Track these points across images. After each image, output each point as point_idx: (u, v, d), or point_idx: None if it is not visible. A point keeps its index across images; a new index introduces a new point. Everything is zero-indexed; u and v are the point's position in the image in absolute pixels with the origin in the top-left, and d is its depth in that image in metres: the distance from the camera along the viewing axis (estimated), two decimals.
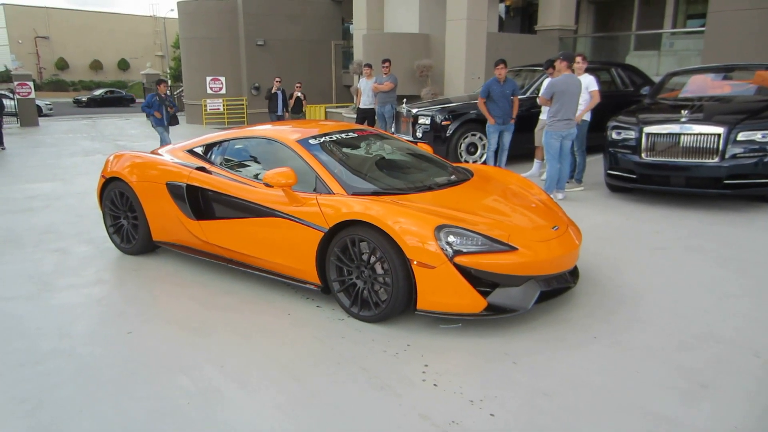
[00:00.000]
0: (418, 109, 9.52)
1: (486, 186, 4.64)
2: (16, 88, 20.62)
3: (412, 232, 3.54)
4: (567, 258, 3.93)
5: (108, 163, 5.47)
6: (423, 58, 14.06)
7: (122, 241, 5.40)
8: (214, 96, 20.27)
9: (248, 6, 20.08)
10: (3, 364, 3.39)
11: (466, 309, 3.57)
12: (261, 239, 4.31)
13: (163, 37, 57.05)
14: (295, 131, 4.71)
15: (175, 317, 4.05)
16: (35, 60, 51.36)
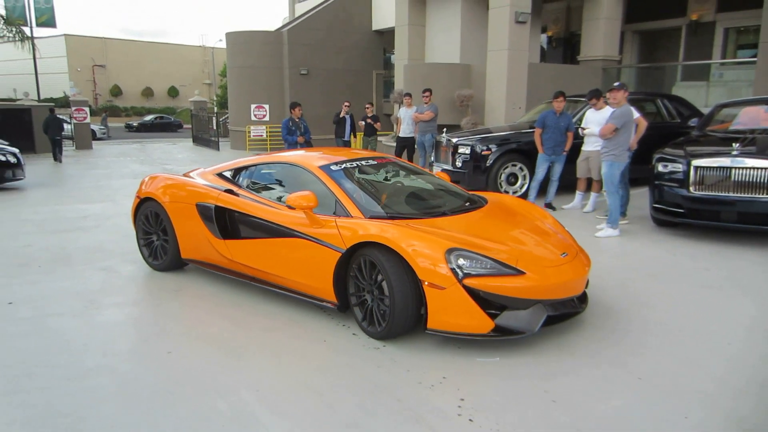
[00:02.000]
0: (458, 138, 9.52)
1: (499, 213, 4.77)
2: (74, 113, 21.63)
3: (424, 254, 3.70)
4: (575, 284, 4.03)
5: (143, 185, 5.78)
6: (463, 87, 14.12)
7: (153, 258, 5.68)
8: (258, 123, 20.77)
9: (293, 37, 20.64)
10: (49, 377, 3.48)
11: (474, 329, 3.68)
12: (282, 258, 4.51)
13: (211, 66, 59.09)
14: (318, 158, 4.96)
15: (213, 338, 4.09)
16: (92, 87, 53.82)
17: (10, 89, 50.26)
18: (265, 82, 20.71)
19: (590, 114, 8.15)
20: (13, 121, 18.43)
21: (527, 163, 9.06)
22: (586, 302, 4.30)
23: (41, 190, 11.23)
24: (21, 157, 11.55)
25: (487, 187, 9.01)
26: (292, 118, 10.43)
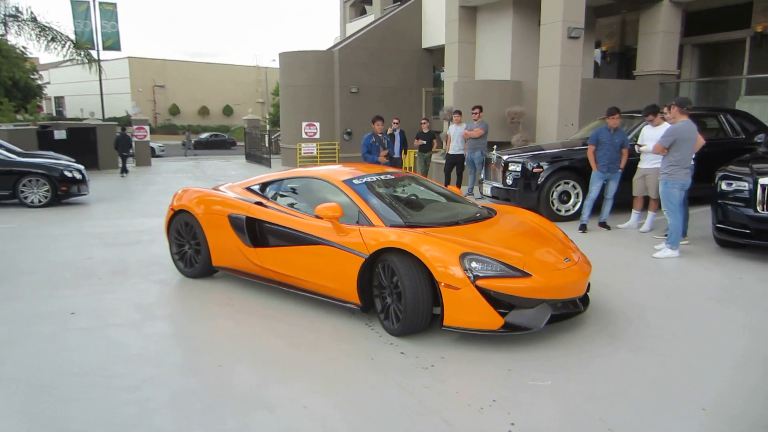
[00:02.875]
0: (508, 155, 9.39)
1: (507, 222, 5.18)
2: (135, 132, 22.60)
3: (440, 259, 4.07)
4: (576, 285, 4.42)
5: (176, 198, 6.14)
6: (514, 104, 13.96)
7: (185, 266, 6.04)
8: (309, 140, 21.13)
9: (344, 56, 20.98)
10: (105, 387, 3.59)
11: (486, 326, 4.04)
12: (310, 264, 4.86)
13: (264, 85, 60.71)
14: (341, 173, 5.40)
15: (263, 353, 4.13)
16: (152, 106, 56.17)
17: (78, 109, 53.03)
18: (316, 100, 21.09)
19: (647, 130, 7.90)
20: (79, 139, 19.39)
21: (580, 181, 8.84)
22: (587, 303, 4.63)
23: (103, 205, 11.71)
24: (86, 173, 12.12)
25: (538, 205, 8.83)
26: (374, 133, 9.35)
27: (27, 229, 8.98)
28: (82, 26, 25.61)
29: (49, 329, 4.56)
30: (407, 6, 22.12)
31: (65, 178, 11.41)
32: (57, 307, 5.11)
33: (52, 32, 21.55)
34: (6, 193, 11.13)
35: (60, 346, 4.25)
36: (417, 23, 21.78)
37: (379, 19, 23.09)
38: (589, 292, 4.74)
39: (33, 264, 6.68)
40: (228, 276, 5.98)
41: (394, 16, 22.01)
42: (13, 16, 21.03)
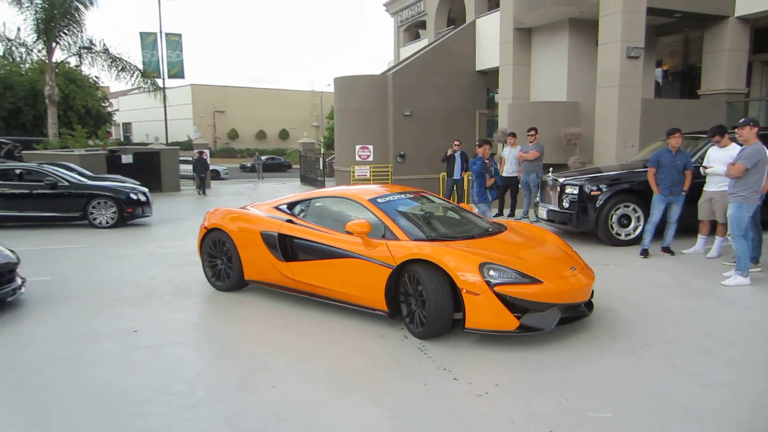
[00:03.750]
0: (565, 178, 9.18)
1: (517, 236, 5.61)
2: (196, 156, 23.48)
3: (462, 268, 4.52)
4: (582, 291, 4.88)
5: (208, 217, 6.60)
6: (571, 125, 13.71)
7: (217, 279, 6.46)
8: (362, 163, 21.35)
9: (398, 79, 21.20)
10: (165, 404, 3.68)
11: (503, 327, 4.48)
12: (340, 276, 5.27)
13: (319, 109, 62.06)
14: (366, 192, 5.86)
15: (315, 375, 4.14)
16: (212, 131, 58.32)
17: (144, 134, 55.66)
18: (370, 123, 21.35)
19: (713, 152, 7.55)
20: (144, 163, 20.33)
21: (641, 204, 8.52)
22: (591, 309, 5.09)
23: (165, 227, 12.16)
24: (150, 196, 12.65)
25: (596, 229, 8.57)
26: (481, 158, 8.60)
27: (95, 249, 9.42)
28: (150, 56, 27.00)
29: (114, 346, 4.74)
30: (461, 29, 22.21)
31: (131, 201, 11.94)
32: (121, 325, 5.30)
33: (122, 63, 22.88)
34: (77, 215, 11.74)
35: (123, 363, 4.40)
36: (471, 46, 21.82)
37: (432, 43, 23.27)
38: (592, 299, 5.16)
39: (100, 283, 6.99)
40: (282, 298, 6.07)
41: (447, 39, 22.13)
42: (87, 48, 22.45)
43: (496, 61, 17.98)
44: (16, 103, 32.93)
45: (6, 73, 33.39)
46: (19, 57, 23.74)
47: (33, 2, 20.58)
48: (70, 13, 21.24)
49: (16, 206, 11.65)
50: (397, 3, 29.06)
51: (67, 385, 4.00)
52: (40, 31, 20.95)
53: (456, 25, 24.42)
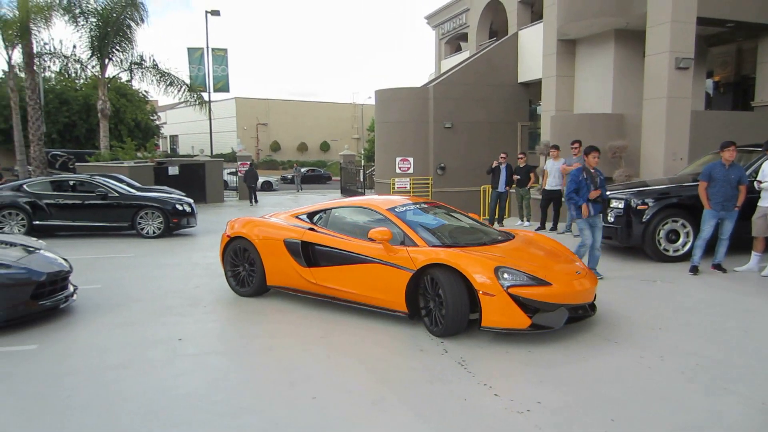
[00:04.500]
0: (610, 191, 8.97)
1: (525, 244, 5.95)
2: (239, 167, 24.01)
3: (479, 271, 4.89)
4: (586, 293, 5.28)
5: (230, 226, 6.93)
6: (616, 138, 13.41)
7: (239, 285, 6.76)
8: (402, 175, 21.38)
9: (439, 92, 21.21)
10: (208, 412, 3.74)
11: (516, 325, 4.82)
12: (362, 280, 5.61)
13: (360, 121, 62.61)
14: (385, 202, 6.23)
15: (355, 387, 4.14)
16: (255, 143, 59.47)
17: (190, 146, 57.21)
18: (411, 135, 21.39)
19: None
20: (190, 174, 20.88)
21: (690, 220, 8.24)
22: (594, 310, 5.48)
23: (209, 237, 12.42)
24: (194, 206, 12.96)
25: (643, 244, 8.33)
26: (585, 168, 7.39)
27: (142, 258, 9.70)
28: (196, 71, 27.77)
29: (159, 354, 4.85)
30: (503, 41, 22.11)
31: (177, 211, 12.26)
32: (167, 333, 5.43)
33: (171, 77, 23.60)
34: (126, 225, 12.12)
35: (168, 371, 4.50)
36: (513, 58, 21.67)
37: (474, 55, 23.22)
38: (594, 301, 5.51)
39: (147, 291, 7.18)
40: (322, 308, 6.12)
41: (489, 51, 22.05)
42: (137, 63, 23.26)
43: (539, 72, 17.80)
44: (71, 117, 34.39)
45: (62, 88, 34.94)
46: (74, 73, 24.78)
47: (88, 21, 21.46)
48: (123, 30, 22.06)
49: (69, 216, 12.11)
50: (439, 16, 29.17)
51: (117, 391, 4.11)
52: (94, 48, 21.81)
53: (498, 37, 24.33)
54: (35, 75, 19.82)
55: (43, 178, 13.97)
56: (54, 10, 19.96)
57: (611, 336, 5.17)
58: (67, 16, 20.87)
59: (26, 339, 5.19)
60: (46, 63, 22.80)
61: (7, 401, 3.94)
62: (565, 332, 5.15)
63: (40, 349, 4.97)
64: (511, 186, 12.99)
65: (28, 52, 19.09)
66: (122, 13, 21.87)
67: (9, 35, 18.91)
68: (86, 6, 21.38)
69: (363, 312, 5.88)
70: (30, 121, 19.47)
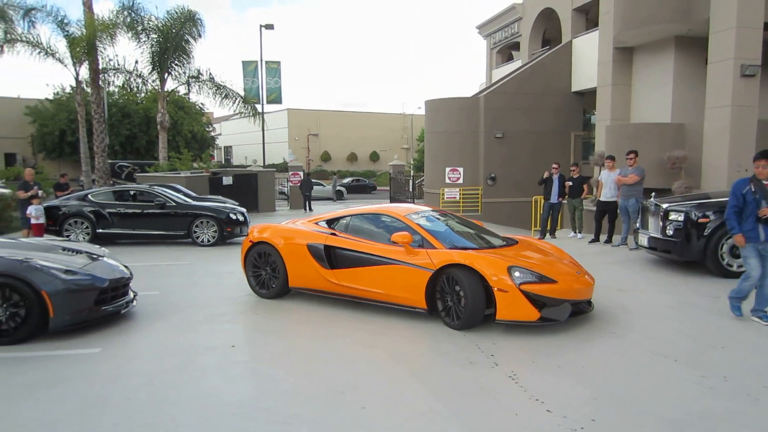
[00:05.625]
0: (669, 204, 8.64)
1: (529, 247, 6.55)
2: (291, 177, 24.45)
3: (493, 271, 5.44)
4: (586, 291, 5.91)
5: (253, 231, 7.35)
6: (675, 148, 12.96)
7: (261, 288, 7.16)
8: (452, 185, 21.28)
9: (489, 101, 21.05)
10: (257, 419, 3.79)
11: (527, 318, 5.39)
12: (383, 280, 6.10)
13: (409, 131, 62.74)
14: (402, 209, 6.87)
15: (404, 399, 4.11)
16: (306, 153, 60.48)
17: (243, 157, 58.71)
18: (461, 145, 21.29)
19: None
20: (243, 184, 21.40)
21: None
22: (592, 306, 6.08)
23: None
24: (247, 215, 13.27)
25: (704, 258, 7.97)
26: (754, 178, 5.88)
27: (197, 266, 9.98)
28: (250, 83, 28.53)
29: (213, 360, 4.96)
30: (557, 50, 21.77)
31: (230, 220, 12.57)
32: (220, 340, 5.56)
33: (226, 90, 24.35)
34: (182, 233, 12.53)
35: (222, 377, 4.59)
36: (566, 67, 21.31)
37: (526, 64, 22.96)
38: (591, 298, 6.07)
39: (201, 298, 7.38)
40: (372, 316, 6.16)
41: (542, 60, 21.76)
42: (195, 77, 24.12)
43: (594, 81, 17.43)
44: (132, 129, 35.95)
45: (124, 102, 36.61)
46: (135, 87, 25.92)
47: (149, 37, 22.44)
48: (181, 45, 22.95)
49: (129, 224, 12.61)
50: (490, 25, 29.00)
51: (172, 394, 4.23)
52: (154, 63, 22.79)
53: (551, 45, 23.97)
54: (100, 90, 20.83)
55: (106, 188, 14.64)
56: (118, 28, 20.97)
57: (671, 353, 4.96)
58: (130, 33, 21.90)
59: (90, 343, 5.41)
60: (110, 78, 24.01)
61: (71, 402, 4.11)
62: (613, 346, 4.96)
63: (103, 352, 5.17)
64: (563, 197, 12.72)
65: (94, 68, 20.09)
66: (181, 29, 22.77)
67: (77, 52, 19.95)
68: (148, 23, 22.40)
69: (411, 322, 5.92)
70: (95, 133, 20.44)
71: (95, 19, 19.73)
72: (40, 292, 5.26)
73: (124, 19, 21.41)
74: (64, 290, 5.38)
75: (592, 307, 6.07)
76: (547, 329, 5.64)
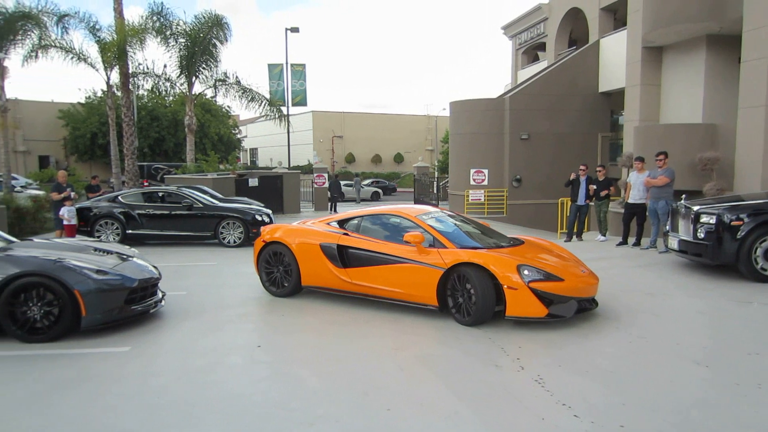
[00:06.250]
0: (700, 206, 8.45)
1: (535, 246, 6.74)
2: (315, 179, 24.59)
3: (503, 269, 5.64)
4: (591, 288, 6.10)
5: (265, 232, 7.59)
6: (706, 149, 12.67)
7: (273, 286, 7.36)
8: (477, 187, 21.16)
9: (515, 103, 20.89)
10: (285, 420, 3.82)
11: (536, 314, 5.60)
12: (396, 278, 6.30)
13: (433, 133, 62.60)
14: (413, 210, 7.04)
15: (429, 401, 4.09)
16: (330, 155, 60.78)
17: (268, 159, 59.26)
18: (486, 147, 21.16)
19: None
20: (268, 186, 21.59)
21: None
22: (596, 304, 6.24)
23: None
24: (273, 217, 13.38)
25: (737, 262, 7.78)
26: None
27: (224, 266, 10.10)
28: (276, 86, 28.77)
29: (239, 360, 5.02)
30: (584, 50, 21.52)
31: (256, 221, 12.70)
32: (246, 340, 5.62)
33: (252, 93, 24.62)
34: (209, 234, 12.70)
35: (248, 377, 4.64)
36: (594, 67, 21.04)
37: (552, 65, 22.73)
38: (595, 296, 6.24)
39: (228, 298, 7.46)
40: (399, 319, 6.17)
41: (569, 60, 21.52)
42: (221, 80, 24.43)
43: (622, 81, 17.17)
44: (161, 132, 36.57)
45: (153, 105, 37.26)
46: (164, 91, 26.40)
47: (177, 41, 22.82)
48: (209, 50, 23.28)
49: (157, 226, 12.83)
50: (516, 26, 28.80)
51: (200, 394, 4.28)
52: (182, 67, 23.15)
53: (578, 45, 23.70)
54: (130, 93, 21.23)
55: (135, 190, 14.92)
56: (148, 33, 21.38)
57: (702, 360, 4.86)
58: (159, 38, 22.31)
59: (120, 341, 5.52)
60: (139, 82, 24.48)
61: (101, 399, 4.20)
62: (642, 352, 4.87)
63: (132, 351, 5.27)
64: (591, 199, 12.54)
65: (124, 73, 20.50)
66: (208, 33, 23.09)
67: (108, 57, 20.39)
68: (176, 28, 22.78)
69: (435, 324, 5.93)
70: (125, 136, 20.85)
71: (125, 24, 20.13)
72: (72, 291, 5.38)
73: (153, 24, 21.82)
74: (95, 290, 5.50)
75: (596, 304, 6.23)
76: (574, 333, 5.57)
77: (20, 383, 4.51)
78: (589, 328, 5.78)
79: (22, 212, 13.91)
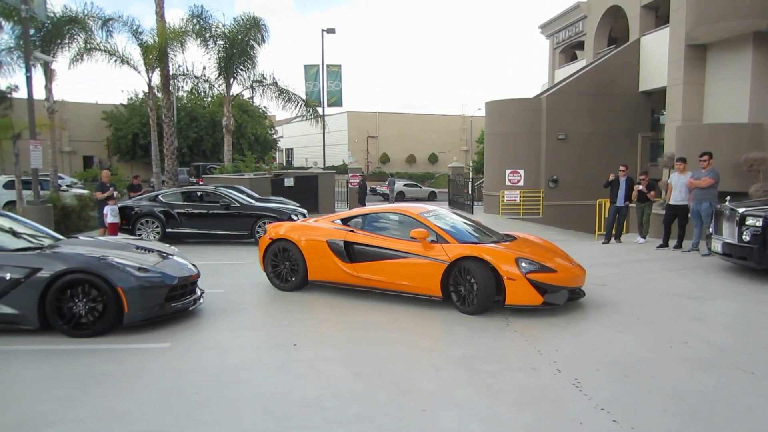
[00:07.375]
0: (746, 208, 8.19)
1: (527, 242, 7.25)
2: (350, 179, 24.73)
3: (503, 261, 6.20)
4: (580, 279, 6.66)
5: (271, 230, 7.93)
6: (752, 150, 12.27)
7: (280, 281, 7.72)
8: (512, 188, 20.94)
9: (552, 102, 20.59)
10: (320, 418, 3.85)
11: (532, 302, 6.15)
12: (402, 272, 6.77)
13: (469, 133, 62.18)
14: (415, 209, 7.49)
15: (465, 403, 4.07)
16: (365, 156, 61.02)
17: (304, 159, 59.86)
18: (521, 147, 20.93)
19: None
20: (304, 185, 21.80)
21: None
22: (583, 294, 6.84)
23: None
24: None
25: None
26: None
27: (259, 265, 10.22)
28: (312, 87, 29.03)
29: (277, 359, 5.08)
30: (623, 49, 21.07)
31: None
32: (283, 338, 5.69)
33: (288, 94, 24.91)
34: (245, 233, 12.90)
35: (285, 375, 4.69)
36: (634, 66, 20.58)
37: (591, 64, 22.34)
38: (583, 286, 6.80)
39: (264, 297, 7.57)
40: (434, 320, 6.18)
41: (608, 59, 21.11)
42: (259, 81, 24.79)
43: (663, 80, 16.76)
44: (199, 132, 37.36)
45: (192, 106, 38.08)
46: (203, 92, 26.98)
47: (216, 43, 23.27)
48: (246, 51, 23.66)
49: (195, 224, 13.10)
50: (554, 25, 28.39)
51: (238, 391, 4.35)
52: (221, 68, 23.59)
53: (618, 44, 23.22)
54: (171, 95, 21.75)
55: (174, 189, 15.26)
56: (188, 35, 21.87)
57: (748, 366, 4.71)
58: (199, 40, 22.79)
59: (160, 338, 5.66)
60: (179, 83, 25.04)
61: (143, 394, 4.31)
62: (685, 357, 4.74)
63: (173, 347, 5.39)
64: (630, 200, 12.26)
65: (165, 75, 21.01)
66: (246, 35, 23.47)
67: (149, 59, 20.93)
68: (215, 30, 23.23)
69: (470, 326, 5.93)
70: (165, 136, 21.36)
71: (167, 27, 20.62)
72: (116, 288, 5.54)
73: (193, 26, 22.30)
74: (137, 287, 5.65)
75: (583, 294, 6.85)
76: (614, 338, 5.47)
77: (67, 377, 4.67)
78: (629, 332, 5.66)
79: (67, 210, 14.41)
